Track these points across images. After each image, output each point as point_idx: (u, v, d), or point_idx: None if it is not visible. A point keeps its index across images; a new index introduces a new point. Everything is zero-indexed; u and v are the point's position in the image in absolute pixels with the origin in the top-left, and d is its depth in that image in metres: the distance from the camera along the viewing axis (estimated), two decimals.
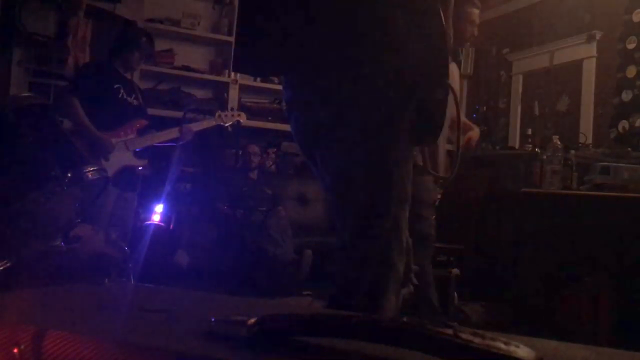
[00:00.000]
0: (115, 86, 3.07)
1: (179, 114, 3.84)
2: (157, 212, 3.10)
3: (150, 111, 4.06)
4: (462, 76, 2.79)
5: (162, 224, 3.13)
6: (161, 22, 4.41)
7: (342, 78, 1.23)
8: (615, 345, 0.73)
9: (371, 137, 1.23)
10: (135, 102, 3.18)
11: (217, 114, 3.41)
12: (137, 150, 3.07)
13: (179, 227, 3.62)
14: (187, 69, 4.51)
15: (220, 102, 4.52)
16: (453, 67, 2.71)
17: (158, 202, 3.13)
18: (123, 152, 3.01)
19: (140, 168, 3.13)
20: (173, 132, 3.19)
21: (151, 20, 4.35)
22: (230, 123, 3.41)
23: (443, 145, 2.68)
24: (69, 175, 2.13)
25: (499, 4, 5.00)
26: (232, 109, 3.62)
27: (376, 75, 1.22)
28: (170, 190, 3.25)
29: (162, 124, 3.35)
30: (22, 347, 0.65)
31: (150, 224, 3.07)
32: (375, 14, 1.21)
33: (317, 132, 1.29)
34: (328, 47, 1.23)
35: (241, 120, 3.47)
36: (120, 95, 3.08)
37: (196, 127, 3.30)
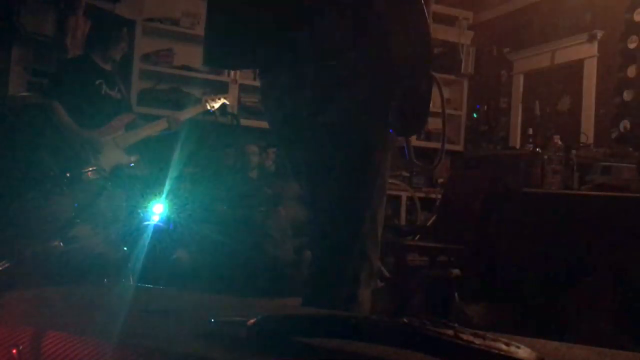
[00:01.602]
0: (97, 82, 3.01)
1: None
2: (157, 212, 3.09)
3: (150, 111, 4.06)
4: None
5: (161, 224, 3.13)
6: (160, 21, 4.41)
7: (321, 67, 1.23)
8: (616, 346, 0.73)
9: (351, 127, 1.24)
10: (118, 96, 3.13)
11: (203, 100, 3.38)
12: (127, 146, 3.04)
13: (179, 227, 3.62)
14: (187, 68, 4.51)
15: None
16: None
17: (158, 202, 3.13)
18: (113, 150, 2.97)
19: (131, 165, 3.11)
20: (161, 124, 3.16)
21: (150, 20, 4.36)
22: (218, 106, 3.38)
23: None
24: (68, 175, 2.13)
25: (500, 4, 5.00)
26: (218, 95, 3.53)
27: (359, 64, 1.22)
28: (170, 190, 3.24)
29: None
30: (21, 347, 0.65)
31: (150, 224, 3.06)
32: (357, 2, 1.22)
33: (295, 121, 1.30)
34: (308, 36, 1.23)
35: (227, 102, 3.44)
36: (102, 92, 3.03)
37: (183, 115, 3.26)
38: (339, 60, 1.22)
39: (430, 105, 1.28)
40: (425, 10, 1.22)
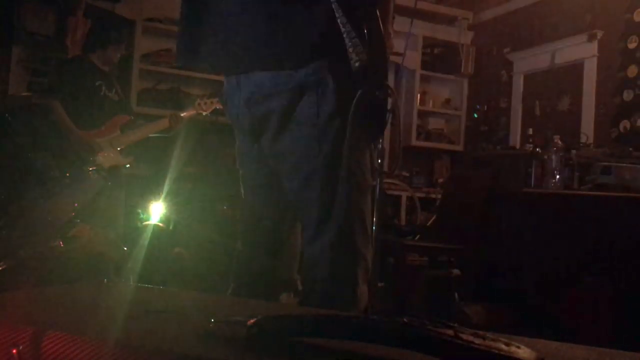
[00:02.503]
0: (97, 83, 3.00)
1: None
2: (157, 213, 3.09)
3: (150, 111, 4.06)
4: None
5: (161, 224, 3.12)
6: (160, 21, 4.41)
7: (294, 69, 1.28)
8: (616, 346, 0.73)
9: (326, 128, 1.28)
10: (116, 97, 3.13)
11: (196, 102, 3.35)
12: (123, 147, 3.03)
13: (179, 227, 3.62)
14: (187, 68, 4.50)
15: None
16: None
17: (157, 202, 3.13)
18: (109, 151, 2.96)
19: (127, 166, 3.10)
20: (161, 123, 3.14)
21: (151, 20, 4.35)
22: (210, 111, 3.36)
23: None
24: (68, 175, 2.13)
25: (500, 4, 5.00)
26: (210, 97, 3.50)
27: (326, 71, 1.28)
28: (170, 190, 3.24)
29: None
30: (21, 348, 0.65)
31: (150, 224, 3.06)
32: (314, 16, 1.27)
33: (266, 122, 1.34)
34: (266, 45, 1.29)
35: (218, 107, 3.42)
36: (102, 93, 3.02)
37: (184, 113, 3.24)
38: (309, 65, 1.28)
39: (388, 114, 1.37)
40: (381, 25, 1.29)
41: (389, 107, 1.37)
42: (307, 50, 1.28)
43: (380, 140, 1.50)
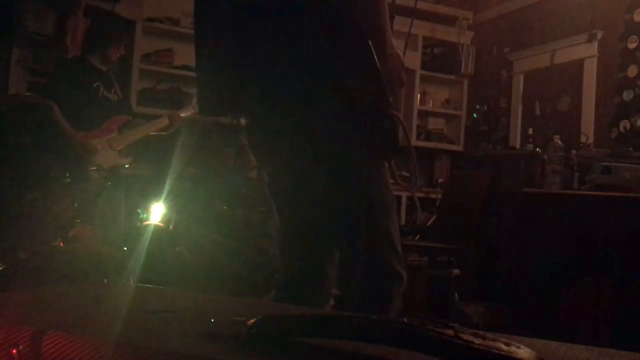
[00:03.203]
0: (95, 84, 2.98)
1: None
2: (157, 213, 3.09)
3: (149, 111, 4.06)
4: None
5: (161, 224, 3.12)
6: (160, 21, 4.41)
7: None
8: (616, 346, 0.73)
9: (332, 142, 1.35)
10: (115, 98, 3.11)
11: (193, 102, 3.34)
12: (122, 148, 3.02)
13: (179, 227, 3.62)
14: (187, 68, 4.50)
15: None
16: None
17: (158, 202, 3.12)
18: (108, 152, 2.95)
19: (126, 166, 3.09)
20: (160, 122, 3.13)
21: (151, 20, 4.35)
22: None
23: None
24: (68, 175, 2.12)
25: (500, 4, 5.00)
26: None
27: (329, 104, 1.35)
28: (170, 190, 3.24)
29: None
30: (21, 348, 0.65)
31: (150, 224, 3.06)
32: (314, 51, 1.33)
33: (277, 134, 1.41)
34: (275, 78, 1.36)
35: None
36: (100, 94, 3.00)
37: (183, 112, 3.21)
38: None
39: (399, 139, 1.43)
40: (376, 58, 1.33)
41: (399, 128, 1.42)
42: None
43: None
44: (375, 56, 1.32)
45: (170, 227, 3.42)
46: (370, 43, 1.32)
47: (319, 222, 1.43)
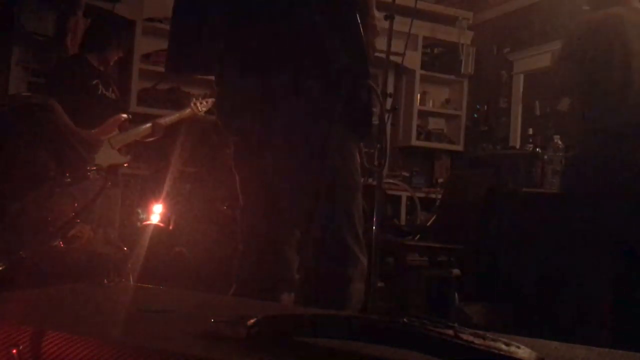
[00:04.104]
0: (94, 82, 3.00)
1: None
2: (156, 213, 3.09)
3: (149, 111, 4.06)
4: None
5: (161, 224, 3.12)
6: (160, 21, 4.40)
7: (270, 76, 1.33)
8: (616, 346, 0.73)
9: (308, 130, 1.33)
10: (113, 96, 3.13)
11: (192, 103, 3.33)
12: (121, 147, 3.03)
13: (179, 227, 3.62)
14: None
15: None
16: None
17: (157, 202, 3.12)
18: (107, 150, 2.96)
19: (125, 165, 3.09)
20: (147, 129, 3.13)
21: (150, 20, 4.35)
22: (206, 110, 3.34)
23: None
24: (68, 175, 2.13)
25: (500, 4, 5.00)
26: (206, 97, 3.43)
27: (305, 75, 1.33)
28: (170, 190, 3.24)
29: None
30: (21, 347, 0.65)
31: (150, 224, 3.06)
32: (297, 20, 1.32)
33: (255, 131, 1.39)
34: (253, 52, 1.35)
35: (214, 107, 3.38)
36: (99, 92, 3.01)
37: (166, 121, 3.18)
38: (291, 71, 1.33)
39: (373, 113, 1.43)
40: (361, 26, 1.32)
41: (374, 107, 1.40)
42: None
43: (377, 139, 1.53)
44: (360, 24, 1.31)
45: (170, 227, 3.42)
46: (356, 10, 1.31)
47: (282, 193, 1.39)
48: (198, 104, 3.30)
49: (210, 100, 3.34)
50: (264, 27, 1.32)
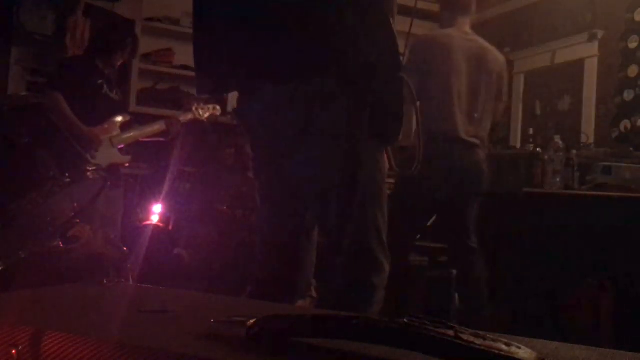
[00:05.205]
0: (99, 82, 3.02)
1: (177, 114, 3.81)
2: (156, 213, 3.09)
3: (149, 111, 4.06)
4: None
5: (161, 224, 3.12)
6: (160, 21, 4.41)
7: (304, 84, 1.30)
8: (617, 347, 0.73)
9: (340, 138, 1.30)
10: (116, 98, 3.14)
11: (194, 108, 3.33)
12: (121, 147, 3.03)
13: (178, 227, 3.62)
14: (187, 68, 4.50)
15: (219, 101, 4.52)
16: None
17: (157, 202, 3.12)
18: (109, 149, 2.97)
19: (126, 165, 3.10)
20: (159, 125, 3.13)
21: (150, 19, 4.35)
22: (207, 116, 3.34)
23: None
24: (67, 175, 2.12)
25: (500, 3, 5.00)
26: (208, 102, 3.45)
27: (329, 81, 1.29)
28: (169, 190, 3.24)
29: None
30: (20, 348, 0.65)
31: (149, 224, 3.06)
32: (327, 21, 1.29)
33: (284, 138, 1.35)
34: (280, 59, 1.31)
35: (217, 114, 3.39)
36: (103, 91, 3.03)
37: (182, 117, 3.21)
38: (318, 77, 1.29)
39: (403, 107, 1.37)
40: (392, 21, 1.31)
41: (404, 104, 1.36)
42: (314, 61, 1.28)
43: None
44: (390, 17, 1.30)
45: (170, 227, 3.42)
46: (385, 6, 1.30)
47: (303, 199, 1.37)
48: (200, 110, 3.31)
49: (212, 106, 3.36)
50: (288, 36, 1.30)
